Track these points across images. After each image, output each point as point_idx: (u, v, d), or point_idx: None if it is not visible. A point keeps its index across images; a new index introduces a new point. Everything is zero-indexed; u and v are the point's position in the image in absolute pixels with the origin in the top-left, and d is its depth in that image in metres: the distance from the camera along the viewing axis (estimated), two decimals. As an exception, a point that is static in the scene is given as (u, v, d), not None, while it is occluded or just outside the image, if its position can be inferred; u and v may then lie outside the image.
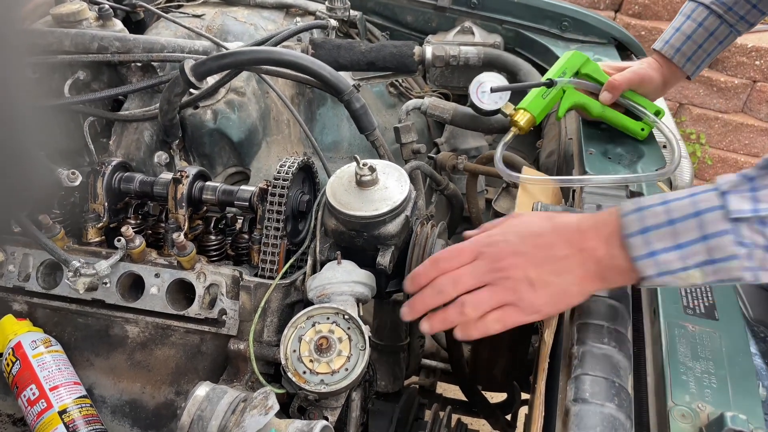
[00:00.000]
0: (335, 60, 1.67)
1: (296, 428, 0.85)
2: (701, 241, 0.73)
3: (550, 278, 0.82)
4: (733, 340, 0.89)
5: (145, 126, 1.52)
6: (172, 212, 1.24)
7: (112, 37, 1.43)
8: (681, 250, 0.74)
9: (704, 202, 0.74)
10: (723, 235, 0.72)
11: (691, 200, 0.75)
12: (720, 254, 0.73)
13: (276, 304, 1.13)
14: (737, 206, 0.72)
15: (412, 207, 1.17)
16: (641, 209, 0.78)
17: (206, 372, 1.17)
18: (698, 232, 0.73)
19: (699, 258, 0.74)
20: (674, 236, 0.75)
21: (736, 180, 0.74)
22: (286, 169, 1.19)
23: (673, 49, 1.41)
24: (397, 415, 1.36)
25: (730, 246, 0.72)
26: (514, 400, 1.65)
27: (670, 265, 0.75)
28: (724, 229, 0.72)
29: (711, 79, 4.03)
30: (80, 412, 1.08)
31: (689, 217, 0.74)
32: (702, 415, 0.77)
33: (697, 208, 0.74)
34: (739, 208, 0.72)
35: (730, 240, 0.72)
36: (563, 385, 0.82)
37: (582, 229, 0.82)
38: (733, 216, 0.72)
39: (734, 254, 0.72)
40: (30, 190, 1.26)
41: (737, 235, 0.72)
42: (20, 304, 1.24)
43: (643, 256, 0.76)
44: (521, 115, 1.29)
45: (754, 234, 0.71)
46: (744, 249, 0.72)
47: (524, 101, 1.30)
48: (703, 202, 0.74)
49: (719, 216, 0.73)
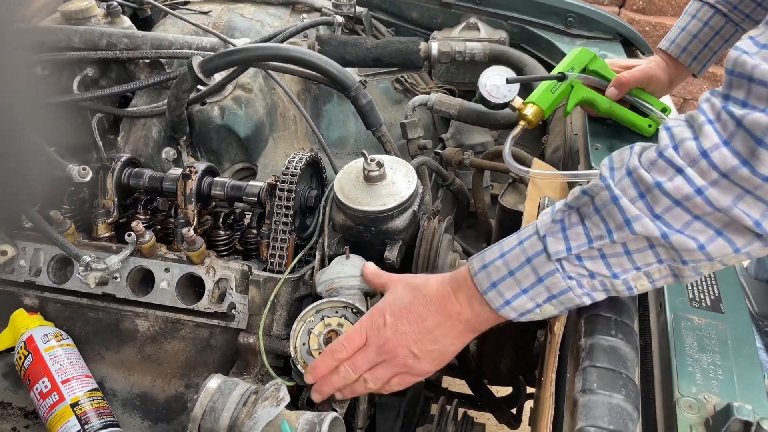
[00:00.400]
0: (341, 56, 1.67)
1: (307, 420, 0.86)
2: (539, 283, 0.83)
3: (429, 347, 0.94)
4: (739, 332, 0.90)
5: (153, 122, 1.53)
6: (182, 207, 1.25)
7: (120, 33, 1.44)
8: (527, 294, 0.84)
9: (531, 248, 0.84)
10: (553, 274, 0.82)
11: (520, 248, 0.85)
12: (557, 290, 0.83)
13: (285, 298, 1.14)
14: (554, 248, 0.81)
15: (419, 202, 1.17)
16: (485, 266, 0.88)
17: (216, 365, 1.18)
18: (534, 277, 0.83)
19: (543, 296, 0.84)
20: (518, 283, 0.85)
21: (550, 224, 0.83)
22: (295, 165, 1.20)
23: (680, 49, 1.41)
24: (404, 408, 1.37)
25: (561, 281, 0.82)
26: (519, 393, 1.66)
27: (525, 306, 0.85)
28: (552, 270, 0.82)
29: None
30: (92, 405, 1.10)
31: (523, 264, 0.84)
32: (708, 405, 0.78)
33: (527, 255, 0.84)
34: (556, 249, 0.81)
35: (559, 277, 0.82)
36: (571, 377, 0.82)
37: (444, 296, 0.93)
38: (553, 258, 0.81)
39: (567, 287, 0.82)
40: (38, 186, 1.28)
41: (563, 271, 0.81)
42: (31, 298, 1.25)
43: (501, 305, 0.87)
44: (530, 108, 1.29)
45: (575, 267, 0.81)
46: (573, 281, 0.82)
47: (533, 95, 1.31)
48: (530, 249, 0.84)
49: (544, 259, 0.82)
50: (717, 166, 0.69)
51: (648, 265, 0.78)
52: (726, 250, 0.73)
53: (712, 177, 0.70)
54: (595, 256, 0.80)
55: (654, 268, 0.78)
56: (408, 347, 0.94)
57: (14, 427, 1.18)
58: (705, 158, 0.70)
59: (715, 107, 0.72)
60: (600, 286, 0.82)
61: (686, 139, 0.72)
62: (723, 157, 0.69)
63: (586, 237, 0.79)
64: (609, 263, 0.80)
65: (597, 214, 0.79)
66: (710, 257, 0.74)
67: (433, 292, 0.95)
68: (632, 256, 0.78)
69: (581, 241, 0.80)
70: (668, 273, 0.79)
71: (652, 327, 0.95)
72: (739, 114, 0.68)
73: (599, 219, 0.78)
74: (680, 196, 0.71)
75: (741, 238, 0.73)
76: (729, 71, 0.71)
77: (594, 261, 0.80)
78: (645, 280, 0.80)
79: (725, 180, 0.69)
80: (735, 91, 0.70)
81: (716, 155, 0.69)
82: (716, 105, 0.72)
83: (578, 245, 0.80)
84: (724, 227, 0.72)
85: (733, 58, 0.71)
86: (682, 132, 0.74)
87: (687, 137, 0.73)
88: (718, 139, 0.70)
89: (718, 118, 0.71)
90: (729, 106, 0.70)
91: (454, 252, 1.24)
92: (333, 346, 0.97)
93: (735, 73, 0.70)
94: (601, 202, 0.78)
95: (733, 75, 0.70)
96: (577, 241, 0.80)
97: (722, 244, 0.73)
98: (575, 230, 0.80)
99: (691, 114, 0.75)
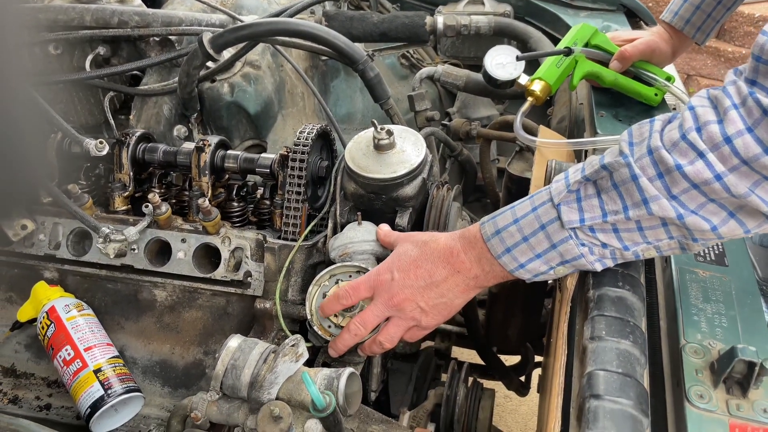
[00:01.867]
0: (348, 31, 1.69)
1: (325, 375, 0.89)
2: (552, 248, 0.86)
3: (436, 301, 0.97)
4: (743, 283, 0.92)
5: (164, 100, 1.56)
6: (196, 180, 1.28)
7: (131, 11, 1.47)
8: (541, 258, 0.88)
9: (545, 215, 0.86)
10: (566, 241, 0.85)
11: (534, 215, 0.87)
12: (570, 255, 0.86)
13: (299, 264, 1.17)
14: (568, 218, 0.84)
15: (428, 170, 1.20)
16: (499, 232, 0.90)
17: (233, 332, 1.20)
18: (548, 243, 0.86)
19: (557, 260, 0.87)
20: (532, 249, 0.88)
21: (565, 192, 0.85)
22: (306, 135, 1.22)
23: (683, 21, 1.42)
24: (415, 373, 1.40)
25: (574, 248, 0.85)
26: (528, 361, 1.69)
27: (539, 269, 0.89)
28: (566, 237, 0.85)
29: (719, 49, 4.03)
30: (114, 371, 1.13)
31: (537, 231, 0.87)
32: (713, 351, 0.80)
33: (541, 222, 0.87)
34: (570, 219, 0.84)
35: (572, 244, 0.85)
36: (579, 327, 0.85)
37: (453, 252, 0.96)
38: (567, 226, 0.84)
39: (580, 254, 0.85)
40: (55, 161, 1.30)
41: (576, 239, 0.85)
42: (51, 271, 1.29)
43: (515, 268, 0.90)
44: (537, 84, 1.31)
45: (588, 237, 0.85)
46: (585, 248, 0.85)
47: (539, 71, 1.32)
48: (544, 216, 0.86)
49: (558, 226, 0.85)
50: (739, 153, 0.71)
51: (659, 240, 0.81)
52: (737, 231, 0.77)
53: (733, 163, 0.71)
54: (608, 230, 0.83)
55: (664, 243, 0.81)
56: (415, 301, 0.96)
57: (38, 396, 1.21)
58: (728, 144, 0.71)
59: (741, 92, 0.73)
60: (610, 255, 0.86)
61: (710, 122, 0.73)
62: (746, 145, 0.70)
63: (601, 210, 0.82)
64: (621, 237, 0.83)
65: (615, 190, 0.81)
66: (721, 237, 0.78)
67: (442, 247, 0.97)
68: (644, 232, 0.81)
69: (596, 214, 0.82)
70: (677, 246, 0.82)
71: (658, 282, 0.98)
72: (765, 102, 0.69)
73: (617, 195, 0.81)
74: (699, 181, 0.73)
75: (752, 220, 0.76)
76: (756, 57, 0.72)
77: (607, 234, 0.83)
78: (654, 251, 0.83)
79: (746, 167, 0.71)
80: (762, 79, 0.71)
81: (739, 142, 0.71)
82: (743, 90, 0.73)
83: (592, 217, 0.82)
84: (737, 210, 0.75)
85: (761, 43, 0.71)
86: (707, 114, 0.75)
87: (711, 120, 0.74)
88: (743, 125, 0.71)
89: (743, 103, 0.72)
90: (756, 93, 0.71)
91: (462, 220, 1.26)
92: (339, 291, 1.01)
93: (762, 60, 0.71)
94: (620, 179, 0.80)
95: (761, 62, 0.71)
96: (591, 213, 0.82)
97: (734, 226, 0.76)
98: (590, 202, 0.83)
99: (715, 95, 0.76)
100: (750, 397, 0.77)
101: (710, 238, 0.78)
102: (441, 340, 1.75)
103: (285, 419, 0.82)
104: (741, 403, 0.76)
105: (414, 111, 1.66)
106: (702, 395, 0.76)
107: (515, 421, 2.71)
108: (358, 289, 1.00)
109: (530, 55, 1.37)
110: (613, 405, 0.71)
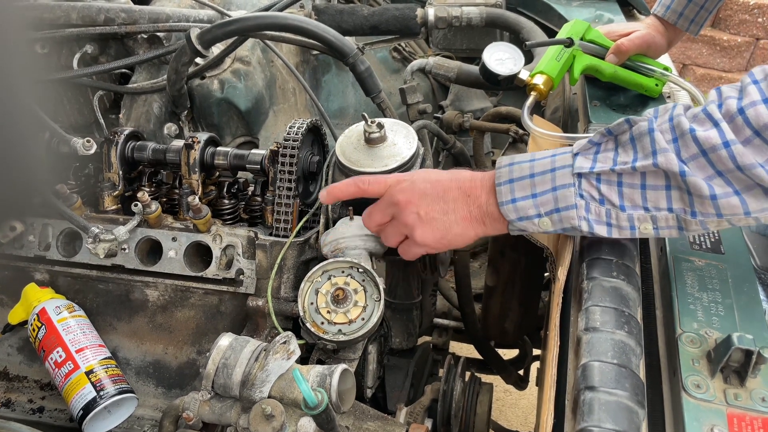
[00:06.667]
0: (338, 25, 1.67)
1: (318, 372, 0.88)
2: (551, 191, 0.86)
3: (436, 215, 0.94)
4: (740, 271, 0.91)
5: (153, 98, 1.54)
6: (186, 178, 1.27)
7: (117, 8, 1.45)
8: (535, 199, 0.87)
9: (560, 161, 0.87)
10: (568, 187, 0.85)
11: (551, 159, 0.88)
12: (563, 203, 0.85)
13: (291, 261, 1.16)
14: (580, 164, 0.84)
15: (420, 163, 1.19)
16: (513, 164, 0.90)
17: (226, 331, 1.20)
18: (550, 185, 0.86)
19: (549, 206, 0.86)
20: (532, 187, 0.87)
21: (587, 144, 0.86)
22: (296, 130, 1.21)
23: (676, 15, 1.42)
24: (412, 369, 1.39)
25: (571, 197, 0.84)
26: (526, 354, 1.69)
27: (527, 212, 0.88)
28: (569, 183, 0.85)
29: (714, 38, 4.01)
30: (106, 372, 1.12)
31: (546, 172, 0.87)
32: (710, 340, 0.79)
33: (553, 165, 0.87)
34: (581, 165, 0.84)
35: (572, 191, 0.84)
36: (574, 318, 0.84)
37: (474, 178, 0.95)
38: (576, 171, 0.84)
39: (574, 203, 0.84)
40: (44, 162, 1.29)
41: (578, 187, 0.84)
42: (42, 273, 1.27)
43: (506, 202, 0.89)
44: (540, 78, 1.30)
45: (590, 187, 0.84)
46: (582, 200, 0.84)
47: (540, 65, 1.31)
48: (559, 161, 0.87)
49: (568, 172, 0.85)
50: (750, 123, 0.73)
51: (658, 209, 0.81)
52: (738, 210, 0.76)
53: (745, 134, 0.73)
54: (612, 181, 0.83)
55: (662, 215, 0.81)
56: (416, 205, 0.95)
57: (30, 399, 1.20)
58: (741, 114, 0.73)
59: (765, 70, 0.75)
60: (605, 216, 0.84)
61: (731, 97, 0.76)
62: (758, 114, 0.72)
63: (612, 161, 0.83)
64: (622, 193, 0.82)
65: (631, 143, 0.83)
66: (720, 212, 0.77)
67: (467, 173, 0.97)
68: (646, 192, 0.81)
69: (606, 164, 0.83)
70: (674, 224, 0.81)
71: (653, 271, 0.97)
72: None
73: (631, 147, 0.82)
74: (708, 146, 0.75)
75: (756, 202, 0.76)
76: None
77: (609, 186, 0.83)
78: (650, 224, 0.82)
79: (758, 139, 0.73)
80: None
81: (751, 112, 0.72)
82: (766, 69, 0.75)
83: (602, 166, 0.83)
84: (743, 189, 0.76)
85: None
86: (730, 91, 0.77)
87: (732, 95, 0.76)
88: (759, 96, 0.73)
89: (764, 78, 0.74)
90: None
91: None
92: (362, 177, 1.03)
93: None
94: (638, 132, 0.82)
95: None
96: (603, 163, 0.83)
97: (735, 203, 0.76)
98: (607, 155, 0.84)
99: (743, 79, 0.78)
100: (748, 386, 0.76)
101: (709, 213, 0.78)
102: (438, 335, 1.75)
103: (277, 418, 0.81)
104: (739, 393, 0.75)
105: (406, 104, 1.64)
106: (699, 385, 0.75)
107: (515, 415, 2.71)
108: (379, 182, 1.01)
109: (538, 43, 1.37)
110: (608, 396, 0.70)
